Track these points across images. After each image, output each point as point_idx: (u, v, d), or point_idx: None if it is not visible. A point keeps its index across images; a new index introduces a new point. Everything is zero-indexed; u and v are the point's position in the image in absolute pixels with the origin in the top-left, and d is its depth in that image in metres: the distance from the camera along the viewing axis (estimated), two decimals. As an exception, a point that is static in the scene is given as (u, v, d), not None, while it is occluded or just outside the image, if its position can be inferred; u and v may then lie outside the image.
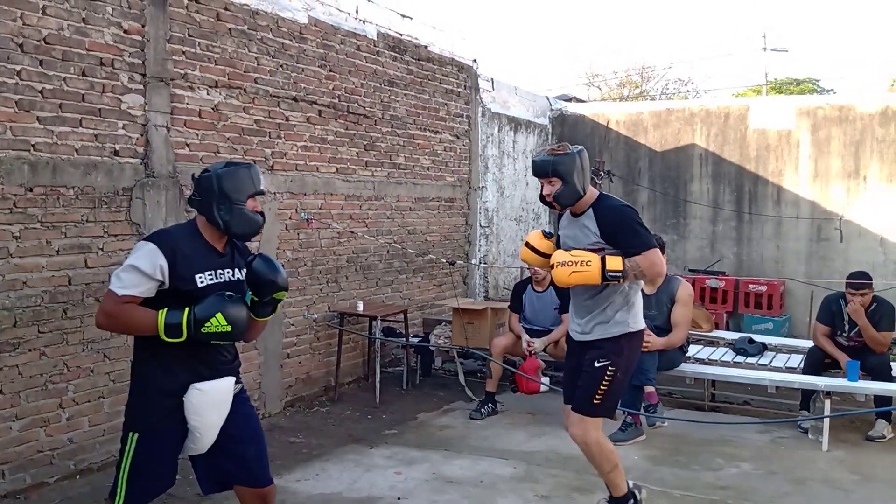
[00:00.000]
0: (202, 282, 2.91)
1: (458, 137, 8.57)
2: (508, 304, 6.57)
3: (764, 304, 9.20)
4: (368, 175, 7.17)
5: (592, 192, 3.74)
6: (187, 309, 2.81)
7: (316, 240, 6.53)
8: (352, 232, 6.93)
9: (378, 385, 6.51)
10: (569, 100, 13.51)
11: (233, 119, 5.72)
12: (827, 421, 5.40)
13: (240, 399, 3.11)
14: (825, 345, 5.95)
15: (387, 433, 5.74)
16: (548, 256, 3.84)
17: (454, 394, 6.73)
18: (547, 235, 3.93)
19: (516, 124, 10.11)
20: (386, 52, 7.33)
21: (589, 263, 3.51)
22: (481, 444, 5.53)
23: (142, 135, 5.06)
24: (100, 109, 4.78)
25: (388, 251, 7.45)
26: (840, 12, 48.87)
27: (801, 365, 6.10)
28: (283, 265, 6.05)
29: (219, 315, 2.81)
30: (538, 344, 6.10)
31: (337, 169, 6.76)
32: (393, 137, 7.49)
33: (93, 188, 4.76)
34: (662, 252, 3.83)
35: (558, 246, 3.88)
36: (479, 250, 9.17)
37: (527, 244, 3.93)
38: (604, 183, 9.69)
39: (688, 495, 4.59)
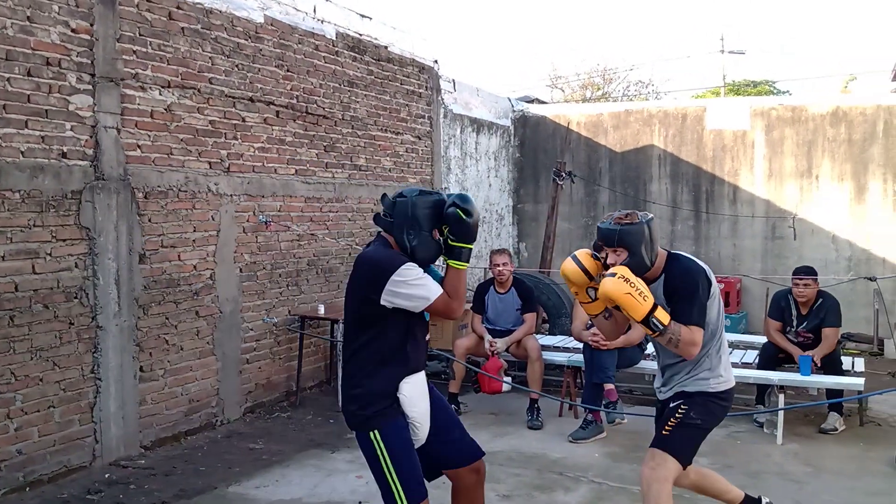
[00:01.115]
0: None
1: (419, 139, 8.55)
2: (471, 305, 6.56)
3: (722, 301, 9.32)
4: (329, 177, 7.11)
5: (662, 257, 3.44)
6: (447, 237, 3.07)
7: (275, 242, 6.45)
8: (312, 234, 6.86)
9: (340, 389, 6.43)
10: (531, 101, 13.56)
11: (186, 120, 5.63)
12: (781, 414, 5.49)
13: (430, 387, 3.31)
14: (778, 340, 6.06)
15: (349, 437, 5.67)
16: (592, 278, 3.49)
17: (416, 396, 6.69)
18: (595, 257, 3.56)
19: (478, 125, 10.13)
20: (345, 52, 7.28)
21: (645, 298, 3.20)
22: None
23: (91, 136, 4.95)
24: (46, 110, 4.66)
25: (349, 253, 7.39)
26: (796, 15, 49.94)
27: (756, 360, 6.20)
28: (240, 269, 6.03)
29: (466, 218, 3.03)
30: (500, 344, 6.11)
31: (296, 171, 6.70)
32: (354, 139, 7.44)
33: (40, 191, 4.63)
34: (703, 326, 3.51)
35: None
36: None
37: (574, 258, 3.53)
38: (565, 184, 9.73)
39: (647, 492, 4.61)
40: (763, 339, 6.45)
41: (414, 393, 3.11)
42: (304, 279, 6.81)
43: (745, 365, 6.20)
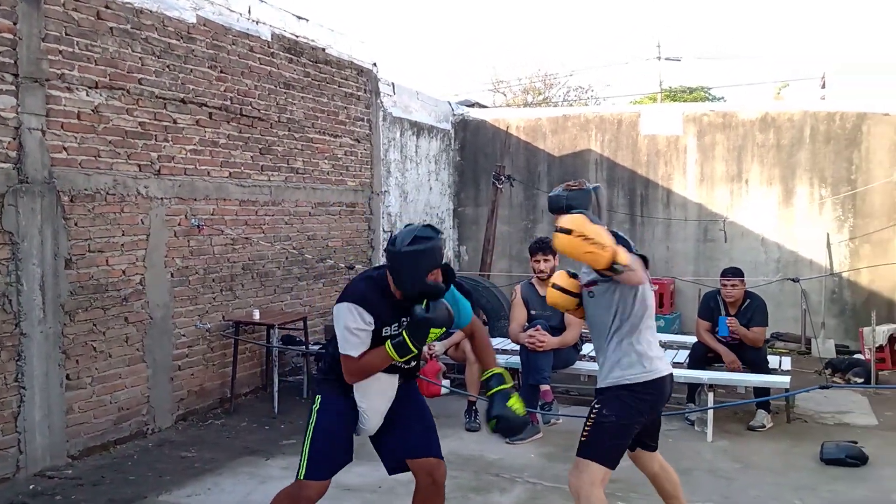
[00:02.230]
0: (386, 332, 3.21)
1: (358, 141, 8.51)
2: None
3: (655, 303, 9.51)
4: (264, 179, 7.02)
5: None
6: (405, 334, 3.13)
7: (208, 247, 6.34)
8: (247, 238, 6.76)
9: (276, 395, 6.37)
10: (471, 105, 13.63)
11: (115, 121, 5.49)
12: (711, 413, 5.64)
13: (409, 387, 3.45)
14: (707, 340, 6.23)
15: (284, 444, 5.61)
16: (577, 296, 3.55)
17: (355, 400, 6.65)
18: (572, 275, 3.59)
19: (419, 129, 10.14)
20: (281, 53, 7.21)
21: (604, 247, 3.08)
22: (381, 449, 5.47)
23: (14, 138, 4.79)
24: (-35, 110, 4.49)
25: (286, 257, 7.31)
26: (731, 23, 51.47)
27: (687, 360, 6.35)
28: (171, 274, 5.91)
29: (432, 331, 3.14)
30: (439, 347, 6.13)
31: (230, 173, 6.59)
32: (290, 141, 7.36)
33: (-42, 194, 4.46)
34: (647, 266, 3.48)
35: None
36: (382, 255, 9.13)
37: (555, 286, 3.55)
38: (504, 188, 9.82)
39: (581, 491, 4.68)
40: (694, 339, 6.62)
41: (370, 388, 3.27)
42: (239, 284, 6.71)
43: (677, 365, 6.35)
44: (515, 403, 3.22)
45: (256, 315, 6.53)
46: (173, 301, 6.00)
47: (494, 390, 3.25)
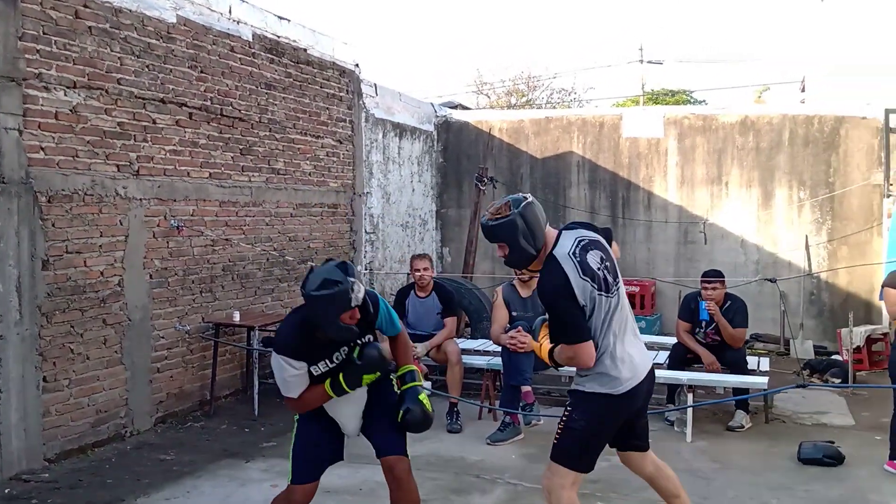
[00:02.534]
0: (316, 371, 3.40)
1: (341, 143, 8.49)
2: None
3: (637, 304, 9.59)
4: (245, 180, 6.98)
5: (548, 247, 3.25)
6: (341, 378, 3.37)
7: (188, 248, 6.30)
8: (227, 239, 6.72)
9: (257, 397, 6.34)
10: (454, 107, 13.66)
11: (93, 121, 5.44)
12: (690, 412, 5.68)
13: (382, 385, 3.58)
14: (687, 341, 6.28)
15: (264, 446, 5.59)
16: None
17: (336, 402, 6.63)
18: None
19: (401, 130, 10.13)
20: (262, 54, 7.18)
21: (541, 347, 3.38)
22: (363, 451, 5.35)
23: (-11, 137, 4.73)
24: (-61, 109, 4.44)
25: (267, 259, 7.27)
26: (713, 27, 51.91)
27: (667, 361, 6.39)
28: (150, 275, 5.87)
29: (364, 375, 3.38)
30: (421, 349, 6.12)
31: (210, 174, 6.55)
32: (271, 142, 7.33)
33: (-69, 194, 4.40)
34: (610, 242, 3.41)
35: None
36: (364, 257, 9.11)
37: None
38: (487, 189, 9.83)
39: (561, 492, 4.69)
40: (674, 340, 6.66)
41: (335, 403, 3.46)
42: (219, 285, 6.67)
43: (657, 366, 6.37)
44: (425, 400, 3.50)
45: (237, 317, 6.49)
46: (152, 303, 5.95)
47: (409, 385, 3.53)
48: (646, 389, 3.40)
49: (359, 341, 3.44)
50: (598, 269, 3.20)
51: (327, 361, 3.41)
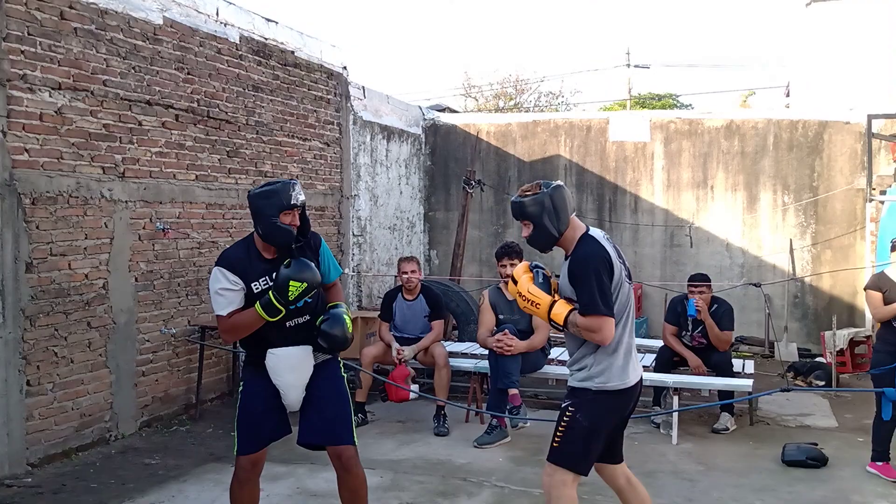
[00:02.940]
0: (257, 288, 3.40)
1: (328, 145, 8.48)
2: (378, 312, 6.55)
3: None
4: (232, 183, 6.96)
5: (576, 230, 3.31)
6: (271, 292, 3.31)
7: (174, 250, 6.27)
8: (213, 242, 6.69)
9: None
10: (442, 110, 13.68)
11: (78, 123, 5.41)
12: (676, 415, 5.71)
13: (327, 367, 3.57)
14: (673, 344, 6.31)
15: (250, 449, 5.55)
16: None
17: (323, 405, 6.61)
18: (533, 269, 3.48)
19: (389, 133, 10.13)
20: (250, 56, 7.16)
21: (538, 305, 3.32)
22: (348, 455, 5.45)
23: (-27, 139, 4.69)
24: (-78, 110, 4.39)
25: (253, 261, 7.24)
26: (700, 32, 52.24)
27: (654, 364, 6.42)
28: (135, 278, 5.83)
29: (290, 283, 3.27)
30: (408, 352, 6.11)
31: (196, 176, 6.53)
32: (258, 144, 7.31)
33: (-86, 196, 4.35)
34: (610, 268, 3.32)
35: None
36: (352, 259, 9.10)
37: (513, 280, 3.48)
38: (475, 192, 9.85)
39: (547, 494, 4.70)
40: (660, 343, 6.69)
41: (276, 363, 3.45)
42: (205, 288, 6.63)
43: (644, 368, 6.40)
44: (349, 323, 3.47)
45: (223, 320, 6.45)
46: (137, 306, 5.92)
47: (336, 309, 3.48)
48: (637, 395, 3.44)
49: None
50: (622, 258, 3.35)
51: (268, 278, 3.39)
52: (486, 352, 6.02)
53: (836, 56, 11.87)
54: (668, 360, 6.32)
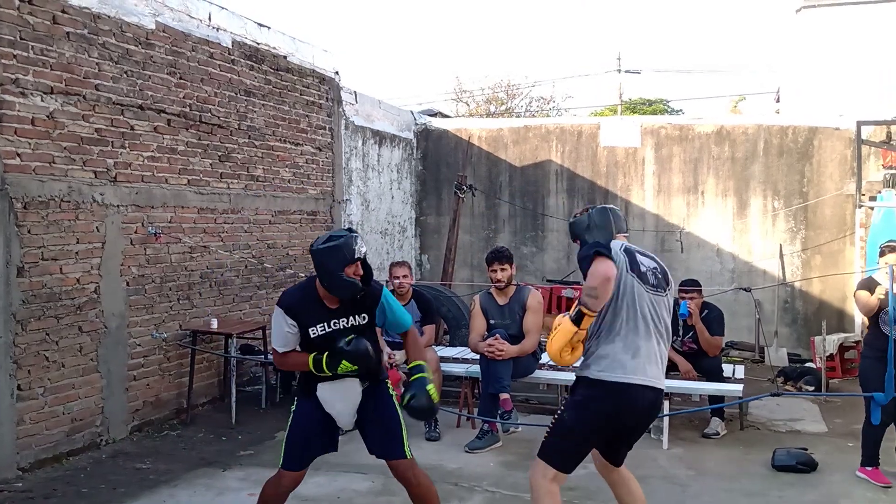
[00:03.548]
0: (314, 333, 3.56)
1: (320, 150, 8.48)
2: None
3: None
4: (224, 187, 6.96)
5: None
6: (325, 356, 3.50)
7: (165, 255, 6.26)
8: (205, 246, 6.69)
9: (234, 405, 6.30)
10: (433, 115, 13.69)
11: (70, 127, 5.40)
12: (666, 420, 5.73)
13: (376, 389, 3.69)
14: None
15: (242, 454, 5.56)
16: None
17: (314, 410, 6.60)
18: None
19: (381, 138, 10.14)
20: (242, 60, 7.16)
21: (558, 326, 3.36)
22: (340, 459, 5.38)
23: (-36, 143, 4.68)
24: (-87, 114, 4.38)
25: (245, 266, 7.25)
26: (691, 37, 52.50)
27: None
28: (126, 282, 5.82)
29: (344, 361, 3.48)
30: (399, 356, 6.11)
31: (188, 181, 6.52)
32: (250, 149, 7.31)
33: None
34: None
35: None
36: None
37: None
38: (466, 197, 9.87)
39: (538, 499, 4.71)
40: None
41: (326, 396, 3.60)
42: (197, 293, 6.63)
43: (634, 373, 6.44)
44: (432, 391, 3.56)
45: (214, 324, 6.46)
46: (129, 310, 5.91)
47: (417, 376, 3.58)
48: (645, 405, 3.39)
49: (357, 319, 3.58)
50: (644, 266, 3.47)
51: (325, 325, 3.54)
52: (478, 356, 6.03)
53: (825, 62, 11.96)
54: (658, 365, 6.35)
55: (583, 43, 50.51)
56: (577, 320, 3.26)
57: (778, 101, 16.36)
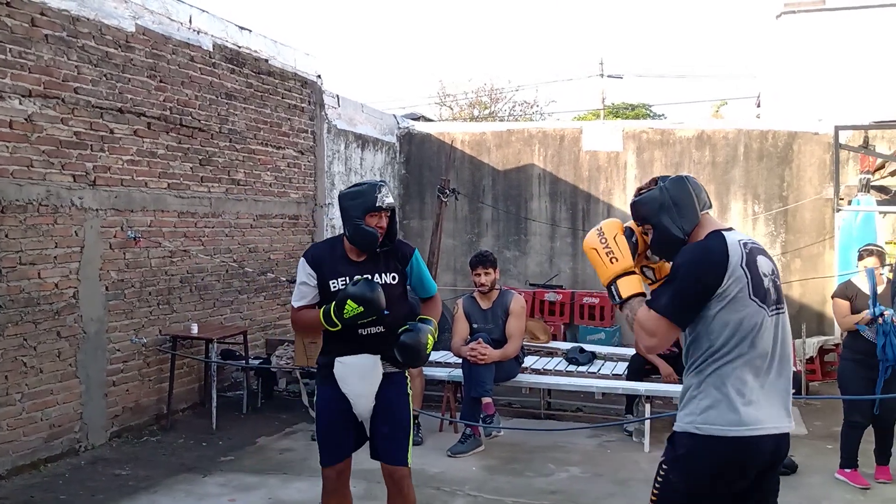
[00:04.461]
0: (333, 286, 3.38)
1: (302, 153, 8.46)
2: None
3: (597, 316, 9.70)
4: (204, 191, 6.91)
5: (705, 229, 2.63)
6: (332, 304, 3.27)
7: (145, 259, 6.21)
8: (185, 251, 6.64)
9: (215, 410, 6.26)
10: (416, 118, 13.68)
11: (49, 131, 5.35)
12: (648, 423, 5.75)
13: (393, 381, 3.46)
14: (645, 352, 6.36)
15: (222, 460, 5.52)
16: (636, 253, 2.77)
17: (297, 416, 6.58)
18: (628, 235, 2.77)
19: (364, 141, 10.13)
20: (223, 64, 7.13)
21: (613, 260, 2.66)
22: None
23: (-61, 146, 4.62)
24: None
25: (226, 270, 7.20)
26: (674, 43, 52.89)
27: (626, 372, 6.48)
28: (106, 287, 5.76)
29: (348, 301, 3.22)
30: (380, 360, 6.10)
31: (168, 184, 6.48)
32: (231, 152, 7.27)
33: None
34: None
35: None
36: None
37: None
38: (449, 201, 9.86)
39: (520, 501, 4.73)
40: (633, 351, 6.74)
41: (345, 372, 3.38)
42: (177, 297, 6.58)
43: (616, 376, 6.47)
44: (430, 340, 3.39)
45: (195, 329, 6.41)
46: (108, 315, 5.85)
47: (424, 321, 3.43)
48: (770, 450, 2.55)
49: (386, 277, 3.41)
50: (766, 275, 2.58)
51: (347, 279, 3.35)
52: (460, 360, 6.03)
53: (805, 67, 12.09)
54: (640, 368, 6.37)
55: (566, 48, 50.75)
56: (616, 296, 2.66)
57: (759, 105, 16.51)
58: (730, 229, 2.63)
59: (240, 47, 7.38)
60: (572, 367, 6.81)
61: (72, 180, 5.55)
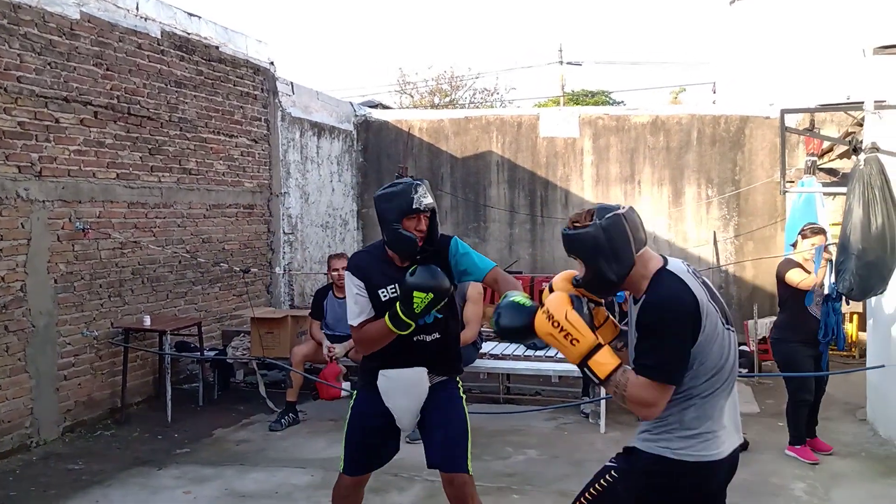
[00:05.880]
0: (384, 295, 3.15)
1: (256, 142, 8.35)
2: (309, 311, 6.50)
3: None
4: (155, 181, 6.80)
5: (649, 267, 2.43)
6: (398, 304, 3.05)
7: (94, 251, 6.09)
8: (136, 242, 6.53)
9: (170, 403, 6.18)
10: (374, 106, 13.59)
11: (-10, 121, 5.21)
12: (603, 404, 5.84)
13: (445, 388, 3.29)
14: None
15: (177, 453, 5.46)
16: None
17: (254, 407, 6.53)
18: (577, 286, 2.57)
19: (320, 129, 10.04)
20: (172, 51, 7.00)
21: (574, 341, 2.38)
22: (280, 455, 5.42)
23: None
24: None
25: (179, 261, 7.10)
26: (633, 30, 53.33)
27: (583, 355, 6.55)
28: (54, 280, 5.64)
29: (414, 293, 2.98)
30: (339, 349, 6.08)
31: (117, 174, 6.35)
32: (182, 141, 7.16)
33: None
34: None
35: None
36: (283, 258, 9.00)
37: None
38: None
39: (477, 485, 4.73)
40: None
41: (388, 386, 3.23)
42: (129, 289, 6.47)
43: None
44: (523, 300, 2.72)
45: (147, 321, 6.32)
46: (57, 308, 5.74)
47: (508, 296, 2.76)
48: (730, 465, 2.55)
49: None
50: (718, 296, 2.48)
51: (397, 286, 3.11)
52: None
53: (757, 52, 12.28)
54: (595, 351, 6.44)
55: (526, 35, 50.89)
56: (592, 375, 2.41)
57: (715, 91, 16.78)
58: (667, 260, 2.47)
59: (189, 34, 7.25)
60: (530, 352, 6.85)
61: (17, 171, 5.42)
